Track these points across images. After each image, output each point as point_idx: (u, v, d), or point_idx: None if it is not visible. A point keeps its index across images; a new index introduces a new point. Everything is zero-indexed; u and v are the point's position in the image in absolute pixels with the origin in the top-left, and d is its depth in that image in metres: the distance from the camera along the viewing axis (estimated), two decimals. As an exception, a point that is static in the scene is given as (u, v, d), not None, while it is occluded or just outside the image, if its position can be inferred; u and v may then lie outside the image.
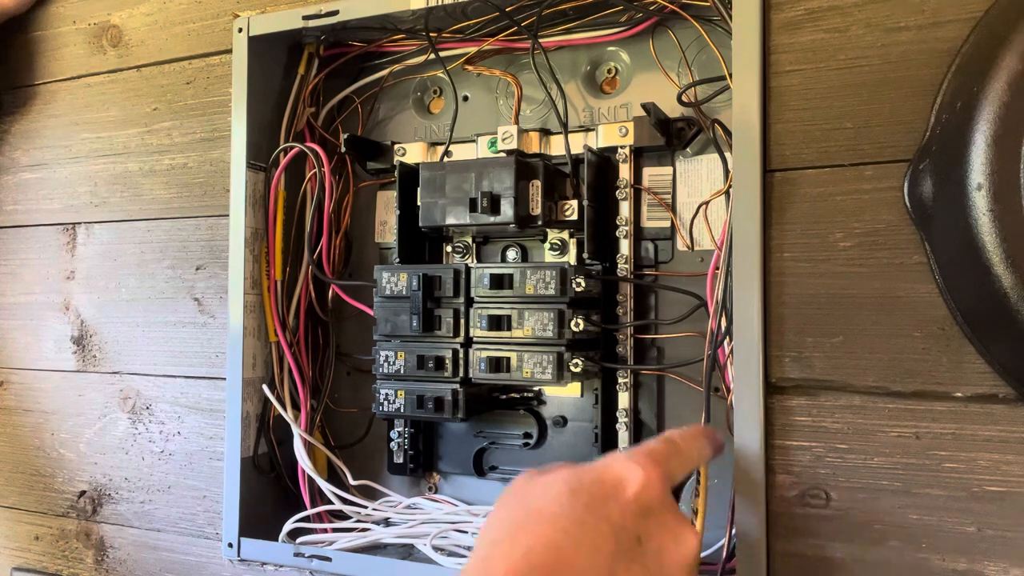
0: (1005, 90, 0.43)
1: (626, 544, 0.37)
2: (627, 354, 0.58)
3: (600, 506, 0.38)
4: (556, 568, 0.35)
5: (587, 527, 0.37)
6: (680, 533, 0.39)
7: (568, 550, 0.35)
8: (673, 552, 0.39)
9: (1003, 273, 0.43)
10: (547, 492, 0.39)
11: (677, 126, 0.57)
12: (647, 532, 0.38)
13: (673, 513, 0.40)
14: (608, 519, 0.37)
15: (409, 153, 0.66)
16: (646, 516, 0.38)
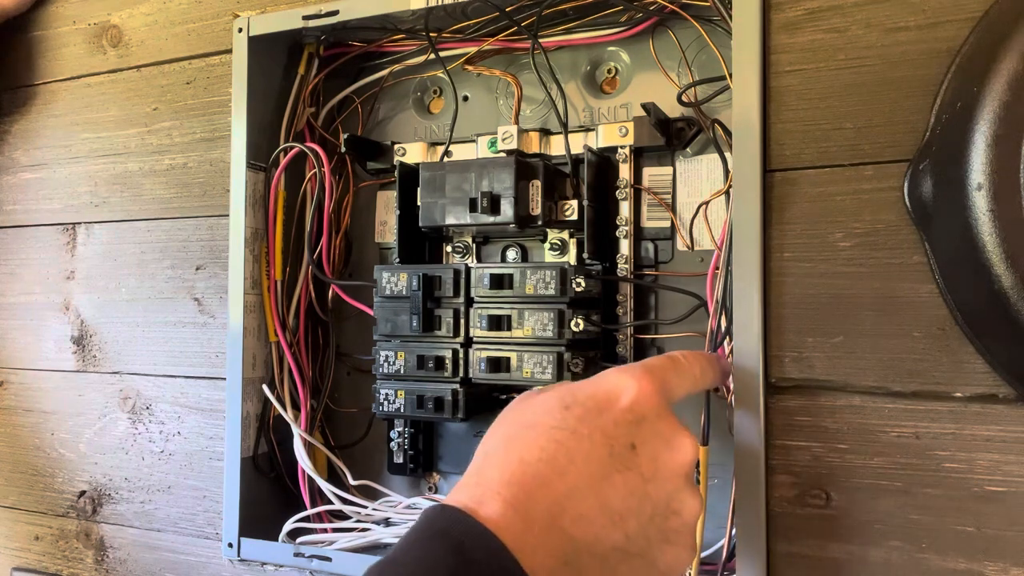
0: (1005, 90, 0.43)
1: (620, 452, 0.37)
2: (627, 354, 0.58)
3: (593, 417, 0.37)
4: (548, 476, 0.35)
5: (580, 437, 0.36)
6: (674, 440, 0.39)
7: (561, 459, 0.35)
8: (668, 459, 0.38)
9: (1003, 273, 0.43)
10: (541, 407, 0.38)
11: (677, 126, 0.57)
12: (641, 439, 0.38)
13: (668, 421, 0.39)
14: (601, 429, 0.37)
15: (409, 153, 0.66)
16: (639, 424, 0.38)
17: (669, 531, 0.37)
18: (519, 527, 0.33)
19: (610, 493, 0.35)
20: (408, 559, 0.31)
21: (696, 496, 0.39)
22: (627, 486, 0.36)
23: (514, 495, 0.34)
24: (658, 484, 0.37)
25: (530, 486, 0.34)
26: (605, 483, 0.35)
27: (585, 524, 0.34)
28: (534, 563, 0.32)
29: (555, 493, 0.34)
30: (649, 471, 0.37)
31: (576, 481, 0.35)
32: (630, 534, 0.36)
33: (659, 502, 0.37)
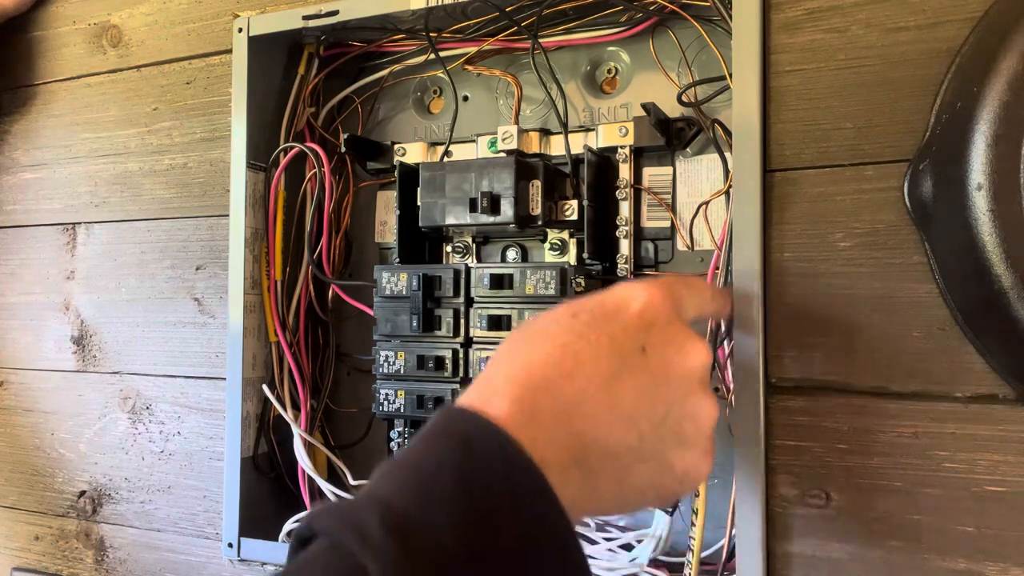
0: (1005, 90, 0.43)
1: (629, 355, 0.35)
2: (627, 354, 0.58)
3: (602, 323, 0.36)
4: (555, 378, 0.34)
5: (588, 341, 0.35)
6: (687, 344, 0.37)
7: (568, 362, 0.34)
8: (679, 363, 0.37)
9: (1003, 273, 0.43)
10: (548, 317, 0.37)
11: (677, 126, 0.57)
12: (651, 343, 0.36)
13: (679, 327, 0.38)
14: (610, 334, 0.36)
15: (409, 153, 0.66)
16: (649, 329, 0.37)
17: (684, 435, 0.36)
18: (526, 423, 0.31)
19: (620, 394, 0.34)
20: (414, 458, 0.30)
21: (711, 402, 0.37)
22: (638, 388, 0.35)
23: (520, 395, 0.33)
24: (670, 387, 0.36)
25: (537, 387, 0.33)
26: (615, 384, 0.34)
27: (595, 424, 0.33)
28: (545, 456, 0.30)
29: (563, 394, 0.33)
30: (661, 374, 0.36)
31: (584, 383, 0.34)
32: (643, 435, 0.35)
33: (672, 405, 0.36)
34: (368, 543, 0.26)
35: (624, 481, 0.34)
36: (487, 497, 0.29)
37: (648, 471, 0.35)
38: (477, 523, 0.28)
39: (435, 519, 0.27)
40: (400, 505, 0.28)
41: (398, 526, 0.27)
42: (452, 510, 0.28)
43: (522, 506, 0.29)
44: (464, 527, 0.28)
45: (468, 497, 0.28)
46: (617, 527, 0.57)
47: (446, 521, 0.27)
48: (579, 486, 0.32)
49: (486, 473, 0.29)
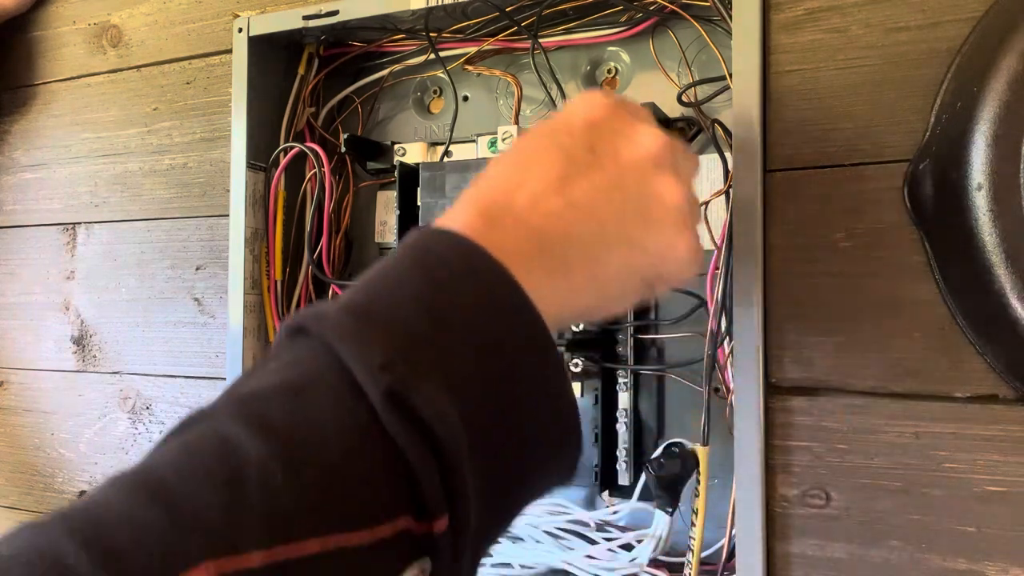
0: (1005, 90, 0.43)
1: (578, 156, 0.35)
2: (627, 354, 0.58)
3: (548, 137, 0.36)
4: (508, 189, 0.34)
5: (535, 152, 0.35)
6: (635, 133, 0.36)
7: (518, 175, 0.34)
8: (629, 152, 0.36)
9: (1003, 273, 0.43)
10: (502, 155, 0.37)
11: (677, 126, 0.57)
12: (599, 141, 0.36)
13: (625, 118, 0.37)
14: (556, 144, 0.35)
15: (409, 153, 0.66)
16: (595, 128, 0.36)
17: (649, 216, 0.35)
18: (484, 226, 0.32)
19: (574, 192, 0.34)
20: (377, 268, 0.31)
21: (671, 180, 0.36)
22: (592, 183, 0.34)
23: (475, 209, 0.33)
24: (624, 176, 0.35)
25: (490, 200, 0.33)
26: (567, 184, 0.34)
27: (553, 219, 0.33)
28: (504, 249, 0.30)
29: (518, 202, 0.33)
30: (612, 168, 0.35)
31: (535, 187, 0.34)
32: (604, 222, 0.34)
33: (630, 192, 0.35)
34: (325, 322, 0.27)
35: (596, 270, 0.34)
36: (446, 284, 0.29)
37: (620, 257, 0.35)
38: (435, 306, 0.28)
39: (394, 302, 0.28)
40: (361, 297, 0.29)
41: (355, 309, 0.28)
42: (410, 294, 0.28)
43: (483, 289, 0.29)
44: (425, 310, 0.28)
45: (428, 285, 0.29)
46: (617, 527, 0.58)
47: (407, 305, 0.28)
48: (547, 275, 0.32)
49: (446, 267, 0.30)
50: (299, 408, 0.25)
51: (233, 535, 0.22)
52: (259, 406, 0.25)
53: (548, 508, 0.59)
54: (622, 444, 0.58)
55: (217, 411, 0.26)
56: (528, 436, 0.29)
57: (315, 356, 0.27)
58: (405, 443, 0.25)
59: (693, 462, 0.50)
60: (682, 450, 0.50)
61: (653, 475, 0.50)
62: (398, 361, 0.26)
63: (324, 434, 0.25)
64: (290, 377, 0.26)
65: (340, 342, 0.26)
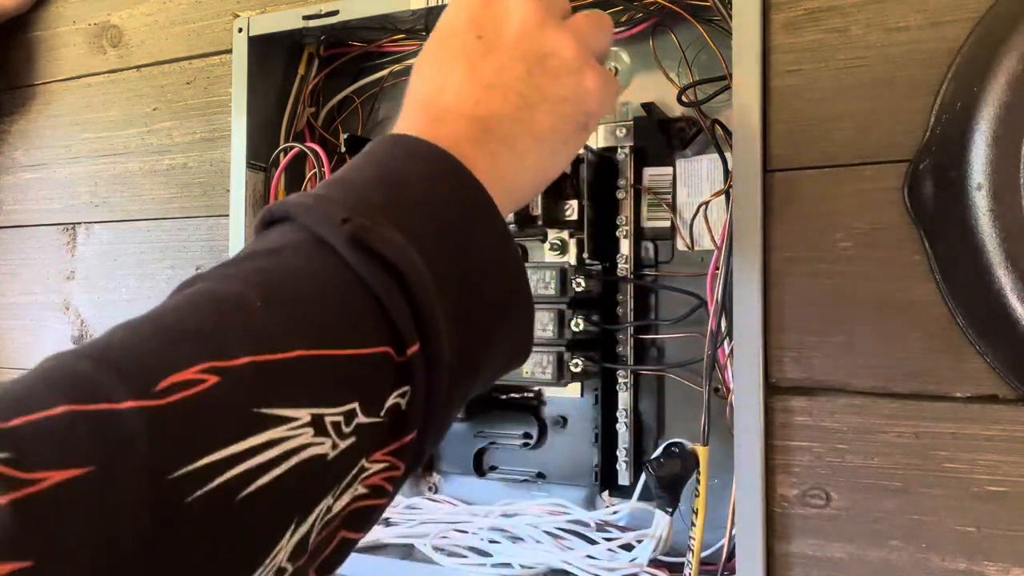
0: (1005, 90, 0.43)
1: (468, 47, 0.38)
2: (627, 354, 0.58)
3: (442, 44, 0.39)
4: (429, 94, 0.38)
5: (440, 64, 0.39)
6: (507, 9, 0.39)
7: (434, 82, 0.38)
8: (509, 25, 0.39)
9: (1003, 273, 0.43)
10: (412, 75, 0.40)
11: (677, 126, 0.57)
12: (480, 27, 0.39)
13: (497, 2, 0.40)
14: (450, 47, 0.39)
15: (409, 153, 0.66)
16: (473, 18, 0.39)
17: (551, 71, 0.38)
18: (427, 128, 0.35)
19: (484, 77, 0.37)
20: (341, 170, 0.34)
21: (555, 30, 0.39)
22: (493, 65, 0.38)
23: (413, 115, 0.37)
24: (516, 46, 0.38)
25: (423, 104, 0.37)
26: (475, 73, 0.37)
27: (482, 104, 0.36)
28: (456, 138, 0.34)
29: (444, 99, 0.37)
30: (502, 44, 0.38)
31: (454, 84, 0.37)
32: (521, 92, 0.37)
33: (527, 56, 0.38)
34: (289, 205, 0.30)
35: (533, 129, 0.37)
36: (398, 168, 0.33)
37: (547, 112, 0.38)
38: (388, 182, 0.32)
39: (350, 183, 0.32)
40: (319, 188, 0.32)
41: (314, 193, 0.31)
42: (366, 177, 0.32)
43: (429, 169, 0.33)
44: (379, 185, 0.31)
45: (381, 169, 0.32)
46: (617, 527, 0.58)
47: (363, 184, 0.31)
48: (497, 149, 0.36)
49: (397, 158, 0.33)
50: (274, 263, 0.28)
51: (220, 344, 0.25)
52: (240, 265, 0.28)
53: (548, 508, 0.59)
54: (622, 444, 0.58)
55: (205, 275, 0.28)
56: (483, 290, 0.32)
57: (284, 231, 0.30)
58: (373, 281, 0.28)
59: (693, 462, 0.50)
60: (682, 450, 0.50)
61: (653, 475, 0.50)
62: (356, 216, 0.28)
63: (297, 277, 0.28)
64: (263, 247, 0.29)
65: (305, 214, 0.29)
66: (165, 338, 0.25)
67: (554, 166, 0.40)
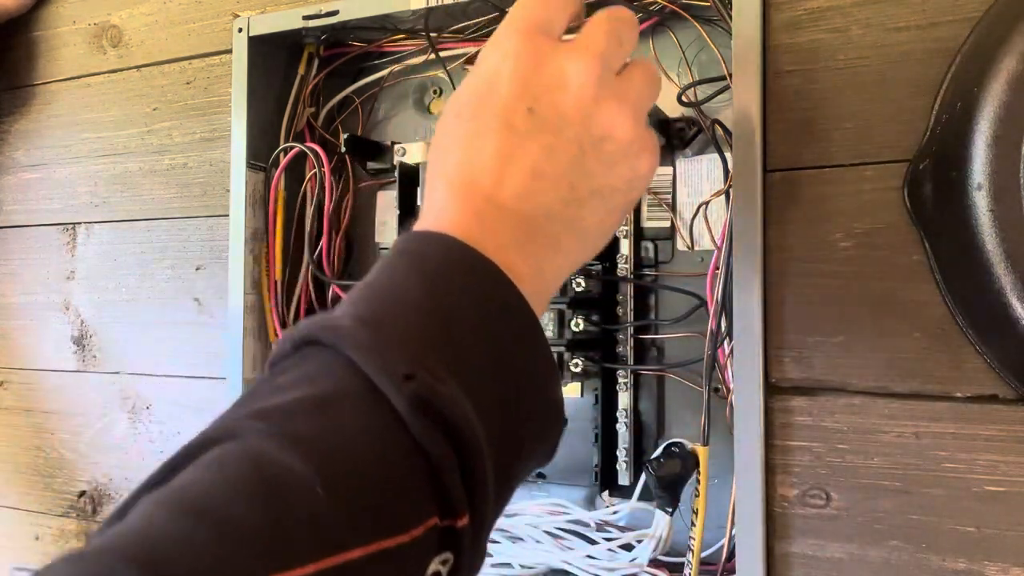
0: (1005, 90, 0.43)
1: (520, 122, 0.35)
2: (627, 354, 0.58)
3: (485, 108, 0.35)
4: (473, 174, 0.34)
5: (482, 132, 0.35)
6: (565, 76, 0.35)
7: (475, 156, 0.35)
8: (566, 98, 0.35)
9: (1003, 273, 0.43)
10: (441, 132, 0.37)
11: (677, 126, 0.57)
12: (534, 98, 0.35)
13: (551, 65, 0.36)
14: (495, 115, 0.35)
15: (409, 153, 0.66)
16: (527, 86, 0.35)
17: (607, 157, 0.36)
18: (471, 226, 0.32)
19: (532, 161, 0.34)
20: (370, 275, 0.32)
21: (615, 105, 0.36)
22: (544, 147, 0.34)
23: (460, 203, 0.34)
24: (570, 126, 0.35)
25: (465, 191, 0.34)
26: (522, 154, 0.34)
27: (526, 197, 0.34)
28: (494, 247, 0.32)
29: (487, 187, 0.34)
30: (556, 121, 0.35)
31: (499, 170, 0.34)
32: (573, 183, 0.35)
33: (582, 139, 0.35)
34: (341, 334, 0.28)
35: (579, 226, 0.35)
36: (448, 289, 0.31)
37: (596, 206, 0.36)
38: (441, 312, 0.30)
39: (402, 310, 0.29)
40: (369, 307, 0.30)
41: (367, 319, 0.29)
42: (415, 301, 0.30)
43: (481, 291, 0.31)
44: (432, 316, 0.29)
45: (431, 291, 0.30)
46: (617, 527, 0.58)
47: (415, 313, 0.29)
48: (542, 253, 0.34)
49: (445, 273, 0.31)
50: (327, 421, 0.26)
51: (283, 552, 0.23)
52: (286, 422, 0.26)
53: (548, 508, 0.59)
54: (622, 444, 0.58)
55: (242, 428, 0.26)
56: (526, 423, 0.31)
57: (333, 369, 0.28)
58: (431, 446, 0.26)
59: (693, 462, 0.50)
60: (682, 450, 0.50)
61: (653, 475, 0.50)
62: (419, 369, 0.27)
63: (355, 445, 0.26)
64: (312, 391, 0.27)
65: (359, 354, 0.27)
66: (226, 544, 0.23)
67: (590, 257, 0.39)
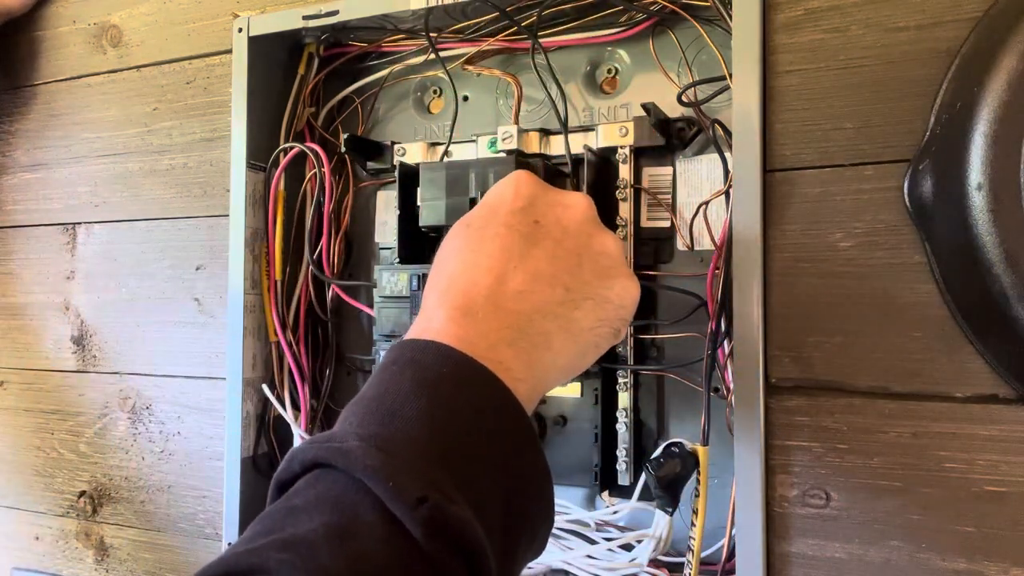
0: (1005, 90, 0.43)
1: (527, 231, 0.39)
2: (627, 354, 0.58)
3: (493, 220, 0.40)
4: (475, 278, 0.37)
5: (488, 239, 0.39)
6: (567, 200, 0.42)
7: (481, 261, 0.38)
8: (570, 216, 0.41)
9: (1003, 273, 0.43)
10: (448, 244, 0.41)
11: (677, 126, 0.57)
12: (540, 213, 0.40)
13: (553, 191, 0.42)
14: (503, 224, 0.39)
15: (409, 153, 0.66)
16: (533, 204, 0.41)
17: (603, 268, 0.40)
18: (462, 327, 0.35)
19: (534, 264, 0.38)
20: (370, 392, 0.33)
21: (610, 234, 0.42)
22: (547, 253, 0.38)
23: (451, 306, 0.36)
24: (572, 238, 0.40)
25: (462, 294, 0.36)
26: (526, 260, 0.38)
27: (523, 297, 0.37)
28: (485, 346, 0.34)
29: (486, 287, 0.37)
30: (559, 233, 0.40)
31: (500, 269, 0.37)
32: (568, 286, 0.38)
33: (581, 251, 0.40)
34: (352, 459, 0.29)
35: (571, 328, 0.38)
36: (448, 402, 0.32)
37: (589, 311, 0.39)
38: (444, 427, 0.31)
39: (407, 429, 0.31)
40: (375, 427, 0.31)
41: (375, 441, 0.30)
42: (418, 417, 0.31)
43: (479, 401, 0.33)
44: (437, 433, 0.31)
45: (432, 405, 0.32)
46: (617, 527, 0.58)
47: (421, 431, 0.31)
48: (532, 350, 0.36)
49: (443, 383, 0.33)
50: (351, 554, 0.27)
51: None
52: (312, 554, 0.27)
53: (548, 508, 0.59)
54: (622, 444, 0.58)
55: (270, 562, 0.27)
56: (524, 527, 0.33)
57: (347, 493, 0.29)
58: (446, 567, 0.28)
59: (693, 462, 0.50)
60: (682, 450, 0.50)
61: (653, 475, 0.50)
62: (430, 491, 0.28)
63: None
64: (330, 520, 0.28)
65: (371, 479, 0.29)
66: None
67: (581, 367, 0.40)
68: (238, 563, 0.27)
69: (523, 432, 0.34)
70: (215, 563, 0.27)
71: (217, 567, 0.27)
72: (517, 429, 0.33)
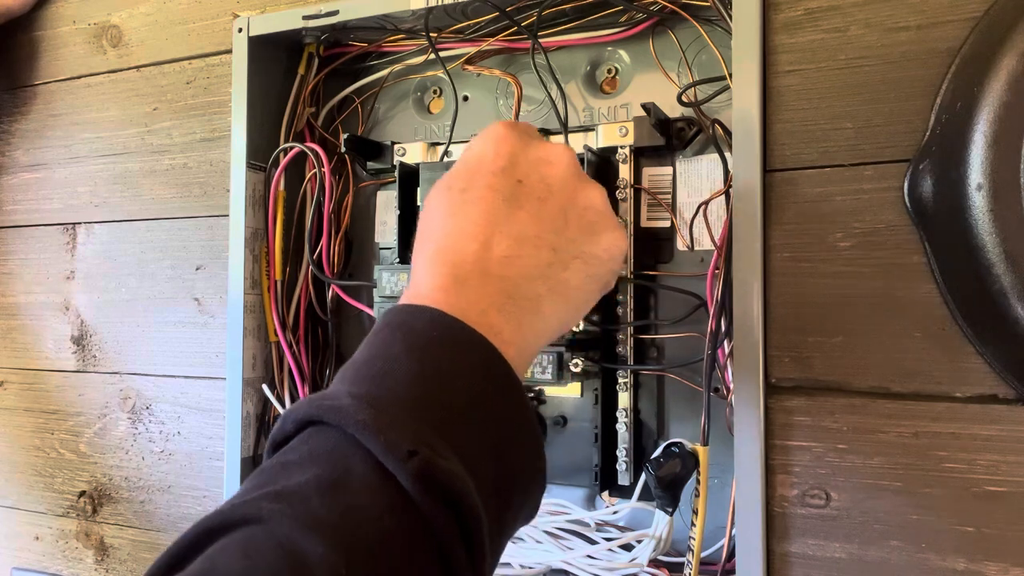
0: (1005, 90, 0.43)
1: (510, 192, 0.38)
2: (627, 354, 0.58)
3: (475, 181, 0.39)
4: (462, 243, 0.37)
5: (471, 201, 0.38)
6: (549, 155, 0.40)
7: (466, 226, 0.37)
8: (553, 172, 0.40)
9: (1003, 273, 0.43)
10: (432, 205, 0.40)
11: (677, 126, 0.57)
12: (523, 173, 0.39)
13: (536, 145, 0.41)
14: (486, 186, 0.38)
15: (409, 153, 0.66)
16: (515, 163, 0.39)
17: (590, 223, 0.40)
18: (451, 295, 0.35)
19: (520, 227, 0.37)
20: (362, 352, 0.34)
21: (595, 185, 0.41)
22: (531, 214, 0.38)
23: (440, 273, 0.36)
24: (556, 195, 0.39)
25: (449, 263, 0.36)
26: (511, 222, 0.37)
27: (510, 262, 0.36)
28: (475, 312, 0.34)
29: (472, 254, 0.36)
30: (543, 191, 0.39)
31: (485, 235, 0.37)
32: (556, 246, 0.38)
33: (566, 208, 0.39)
34: (344, 415, 0.30)
35: (561, 290, 0.38)
36: (439, 363, 0.32)
37: (577, 270, 0.38)
38: (435, 387, 0.32)
39: (398, 388, 0.31)
40: (367, 386, 0.31)
41: (367, 399, 0.30)
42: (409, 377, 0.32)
43: (469, 362, 0.33)
44: (427, 391, 0.31)
45: (423, 367, 0.32)
46: (617, 527, 0.58)
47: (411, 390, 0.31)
48: (523, 315, 0.36)
49: (434, 346, 0.33)
50: (342, 502, 0.28)
51: None
52: (304, 504, 0.27)
53: (548, 508, 0.59)
54: (622, 444, 0.58)
55: (263, 511, 0.27)
56: (516, 479, 0.33)
57: (339, 447, 0.29)
58: (437, 519, 0.28)
59: (693, 462, 0.50)
60: (682, 450, 0.50)
61: (653, 475, 0.50)
62: (420, 445, 0.28)
63: (371, 525, 0.27)
64: (322, 471, 0.29)
65: (362, 433, 0.29)
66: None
67: (573, 322, 0.40)
68: (232, 514, 0.28)
69: (513, 394, 0.34)
70: (211, 515, 0.28)
71: (213, 519, 0.28)
72: (507, 389, 0.34)
